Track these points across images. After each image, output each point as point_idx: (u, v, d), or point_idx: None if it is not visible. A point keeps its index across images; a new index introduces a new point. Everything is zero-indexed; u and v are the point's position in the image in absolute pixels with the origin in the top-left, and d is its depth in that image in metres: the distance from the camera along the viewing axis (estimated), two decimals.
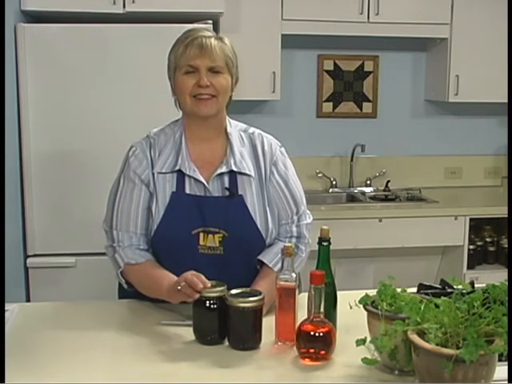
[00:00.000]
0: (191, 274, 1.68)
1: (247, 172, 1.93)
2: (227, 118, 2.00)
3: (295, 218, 2.00)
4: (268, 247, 1.97)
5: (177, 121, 2.01)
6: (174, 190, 1.90)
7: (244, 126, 2.04)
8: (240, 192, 1.92)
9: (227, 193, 1.91)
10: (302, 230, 2.01)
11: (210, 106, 1.88)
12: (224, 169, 1.92)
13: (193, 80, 1.86)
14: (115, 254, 1.93)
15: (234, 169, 1.92)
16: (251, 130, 2.03)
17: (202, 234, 1.88)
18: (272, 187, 1.97)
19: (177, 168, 1.91)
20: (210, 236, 1.88)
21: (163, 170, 1.91)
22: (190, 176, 1.91)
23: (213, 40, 1.87)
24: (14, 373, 1.48)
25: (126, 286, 1.96)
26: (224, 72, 1.88)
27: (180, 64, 1.87)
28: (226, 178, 1.92)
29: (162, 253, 1.91)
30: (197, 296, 1.65)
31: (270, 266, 1.91)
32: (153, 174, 1.91)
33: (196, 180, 1.91)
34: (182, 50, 1.87)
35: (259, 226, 1.92)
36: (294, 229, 2.00)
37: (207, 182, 1.91)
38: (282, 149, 2.04)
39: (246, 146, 1.98)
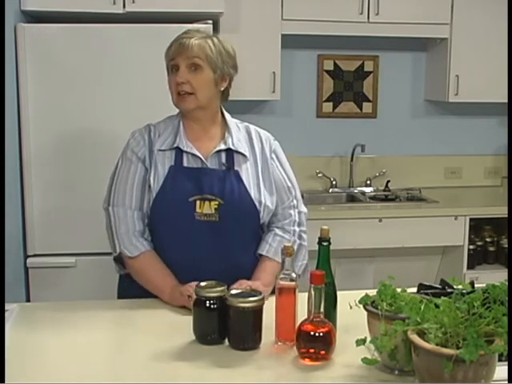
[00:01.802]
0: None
1: (243, 152, 2.06)
2: (226, 113, 2.12)
3: (295, 202, 2.13)
4: (265, 236, 2.09)
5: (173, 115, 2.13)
6: (173, 164, 2.01)
7: (238, 120, 2.17)
8: (236, 168, 2.04)
9: (224, 168, 2.03)
10: (302, 217, 2.14)
11: (189, 102, 2.00)
12: (222, 146, 2.05)
13: (175, 78, 1.99)
14: (113, 236, 2.03)
15: (232, 147, 2.05)
16: (245, 123, 2.17)
17: (198, 202, 1.98)
18: (273, 170, 2.10)
19: (175, 145, 2.02)
20: (207, 203, 1.98)
21: (162, 148, 2.03)
22: (187, 152, 2.02)
23: (193, 39, 1.99)
24: (14, 373, 1.48)
25: (117, 270, 2.09)
26: (204, 68, 1.99)
27: (167, 63, 2.03)
28: (224, 155, 2.05)
29: (161, 221, 2.01)
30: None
31: (264, 253, 2.06)
32: (152, 151, 2.02)
33: (193, 155, 2.02)
34: (166, 51, 2.03)
35: (253, 197, 2.02)
36: (297, 214, 2.13)
37: (205, 159, 2.02)
38: (276, 142, 2.18)
39: (241, 132, 2.12)
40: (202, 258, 1.97)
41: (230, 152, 2.04)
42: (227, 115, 2.12)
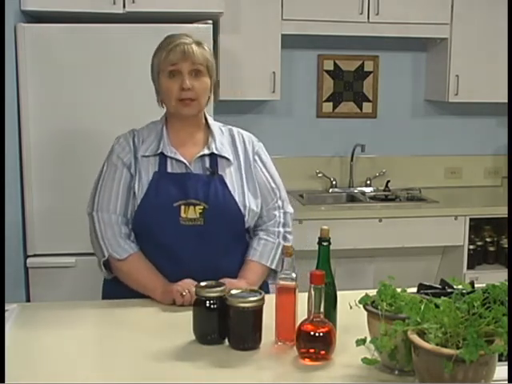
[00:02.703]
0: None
1: (227, 156, 2.07)
2: (209, 117, 2.14)
3: (280, 202, 2.14)
4: (251, 242, 2.10)
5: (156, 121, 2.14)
6: (157, 170, 2.02)
7: (221, 123, 2.18)
8: (220, 172, 2.04)
9: (208, 173, 2.04)
10: (287, 218, 2.16)
11: (192, 108, 2.03)
12: (206, 151, 2.06)
13: (176, 84, 2.00)
14: (99, 240, 2.02)
15: (215, 152, 2.06)
16: (229, 126, 2.18)
17: (183, 207, 1.99)
18: (256, 172, 2.11)
19: (159, 151, 2.04)
20: (191, 208, 1.99)
21: (146, 154, 2.04)
22: (171, 158, 2.03)
23: (193, 46, 2.01)
24: (14, 373, 1.48)
25: (105, 275, 2.07)
26: (204, 74, 2.02)
27: (163, 68, 2.01)
28: (207, 160, 2.06)
29: (146, 226, 2.01)
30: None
31: (249, 258, 2.07)
32: (136, 157, 2.04)
33: (177, 161, 2.03)
34: (166, 55, 2.01)
35: (237, 201, 2.03)
36: (282, 215, 2.14)
37: (189, 164, 2.03)
38: (260, 143, 2.19)
39: (225, 136, 2.12)
40: (186, 261, 1.98)
41: (213, 156, 2.06)
42: (210, 119, 2.14)
